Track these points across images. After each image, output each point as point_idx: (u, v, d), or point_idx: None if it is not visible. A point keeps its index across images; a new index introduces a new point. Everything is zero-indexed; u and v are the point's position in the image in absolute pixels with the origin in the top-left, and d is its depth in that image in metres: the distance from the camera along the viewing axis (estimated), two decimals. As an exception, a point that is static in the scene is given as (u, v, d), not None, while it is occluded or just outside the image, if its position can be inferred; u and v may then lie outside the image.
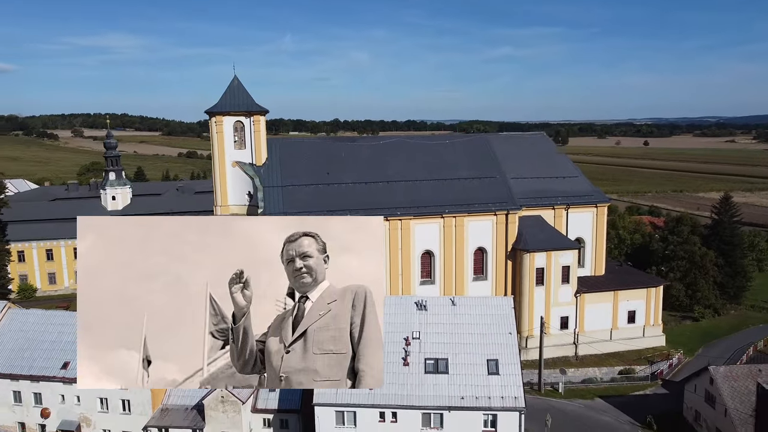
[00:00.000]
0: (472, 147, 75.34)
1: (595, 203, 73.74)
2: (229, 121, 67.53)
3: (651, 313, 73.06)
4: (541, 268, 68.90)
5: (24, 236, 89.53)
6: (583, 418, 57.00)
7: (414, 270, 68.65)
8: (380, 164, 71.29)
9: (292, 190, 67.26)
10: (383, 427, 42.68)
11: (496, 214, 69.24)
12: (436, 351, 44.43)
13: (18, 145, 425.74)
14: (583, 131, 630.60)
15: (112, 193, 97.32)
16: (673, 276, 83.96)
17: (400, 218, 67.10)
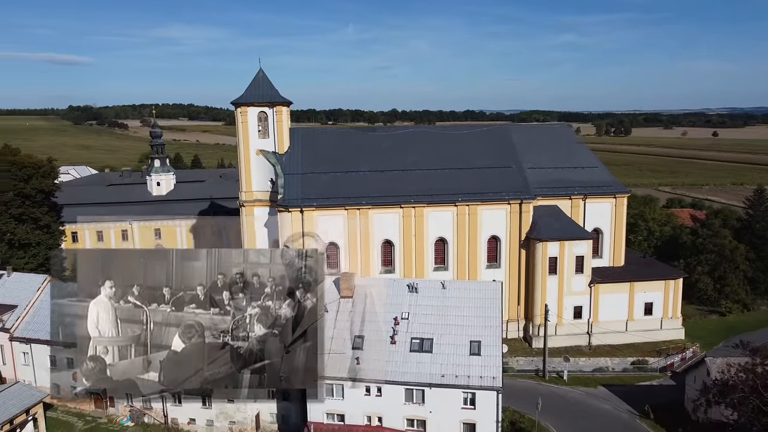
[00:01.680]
0: (490, 137, 76.42)
1: (613, 194, 73.45)
2: (254, 112, 71.18)
3: (669, 306, 72.37)
4: (554, 257, 69.50)
5: (78, 218, 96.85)
6: (582, 404, 57.94)
7: (427, 256, 70.66)
8: (398, 154, 73.46)
9: (311, 177, 70.38)
10: (368, 400, 45.29)
11: (510, 203, 70.26)
12: (423, 331, 46.57)
13: (91, 134, 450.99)
14: (649, 121, 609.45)
15: (156, 179, 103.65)
16: (701, 269, 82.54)
17: (414, 206, 69.18)
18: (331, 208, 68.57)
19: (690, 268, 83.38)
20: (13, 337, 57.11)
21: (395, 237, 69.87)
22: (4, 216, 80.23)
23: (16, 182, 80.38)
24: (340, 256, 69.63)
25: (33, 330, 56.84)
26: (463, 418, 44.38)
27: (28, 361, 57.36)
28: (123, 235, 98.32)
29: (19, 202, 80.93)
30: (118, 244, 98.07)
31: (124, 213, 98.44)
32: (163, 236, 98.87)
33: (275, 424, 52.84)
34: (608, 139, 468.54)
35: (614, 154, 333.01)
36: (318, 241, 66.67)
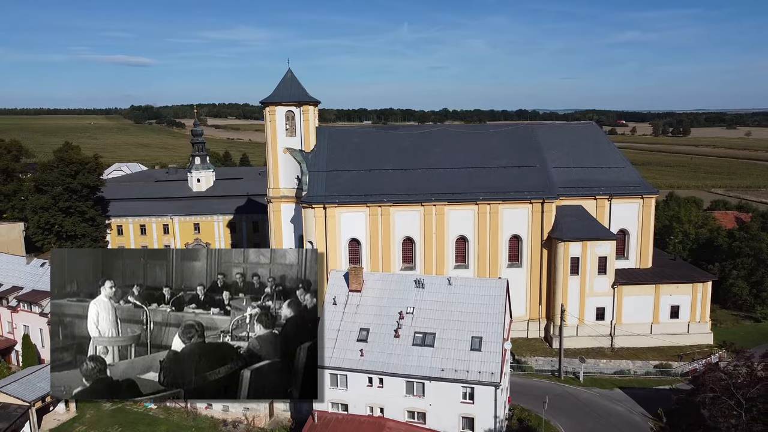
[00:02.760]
0: (515, 136, 76.37)
1: (640, 194, 72.17)
2: (281, 111, 73.48)
3: (697, 310, 70.71)
4: (576, 257, 68.99)
5: (123, 212, 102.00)
6: (594, 405, 57.53)
7: (448, 254, 71.33)
8: (420, 152, 74.41)
9: (335, 175, 72.16)
10: (371, 390, 46.59)
11: (532, 202, 70.14)
12: (426, 326, 47.48)
13: (150, 133, 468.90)
14: (711, 121, 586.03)
15: (197, 176, 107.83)
16: (736, 273, 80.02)
17: (435, 204, 69.99)
18: (354, 205, 70.14)
19: (725, 271, 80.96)
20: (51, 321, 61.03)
21: (416, 234, 70.84)
22: (52, 209, 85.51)
23: (64, 177, 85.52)
24: (362, 252, 71.16)
25: (69, 315, 60.52)
26: (462, 412, 45.11)
27: (65, 345, 61.13)
28: (164, 229, 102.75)
29: (67, 196, 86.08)
30: (160, 237, 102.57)
31: (166, 208, 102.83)
32: (201, 231, 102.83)
33: (288, 412, 54.93)
34: (665, 139, 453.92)
35: (669, 155, 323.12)
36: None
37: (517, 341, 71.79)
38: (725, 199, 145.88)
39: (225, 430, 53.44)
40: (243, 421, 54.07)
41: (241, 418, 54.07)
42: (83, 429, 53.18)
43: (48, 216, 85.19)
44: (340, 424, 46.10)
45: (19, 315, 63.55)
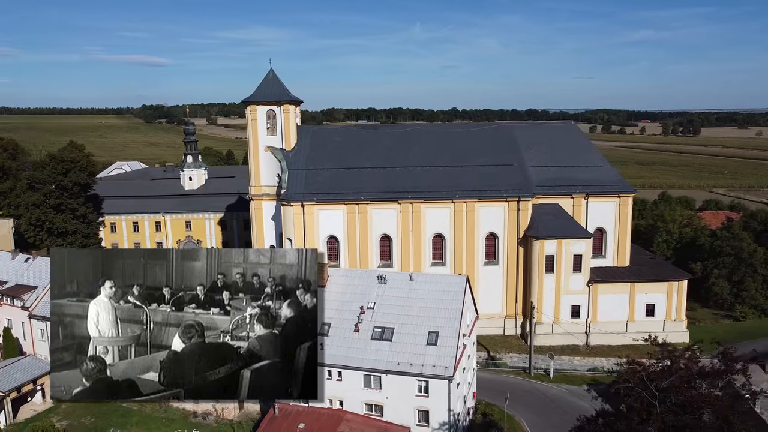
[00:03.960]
0: (494, 136, 77.10)
1: (617, 193, 72.59)
2: (263, 110, 74.74)
3: (672, 308, 71.05)
4: (551, 255, 69.60)
5: (116, 210, 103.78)
6: (560, 401, 58.22)
7: (425, 251, 72.21)
8: (400, 151, 75.35)
9: (315, 173, 73.28)
10: (331, 383, 47.52)
11: (508, 200, 70.83)
12: (386, 320, 48.34)
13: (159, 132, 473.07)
14: (722, 121, 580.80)
15: (188, 174, 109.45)
16: (717, 273, 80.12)
17: (411, 202, 70.90)
18: (332, 203, 71.24)
19: (707, 270, 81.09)
20: (32, 315, 62.80)
21: (393, 232, 71.80)
22: (43, 206, 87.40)
23: (55, 175, 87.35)
24: (339, 249, 72.21)
25: (48, 309, 62.09)
26: (418, 405, 45.96)
27: (44, 337, 62.86)
28: (157, 227, 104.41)
29: (58, 193, 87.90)
30: (152, 235, 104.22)
31: (158, 206, 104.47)
32: (193, 228, 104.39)
33: (257, 405, 56.00)
34: (674, 138, 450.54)
35: (675, 155, 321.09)
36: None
37: (494, 338, 72.73)
38: (722, 198, 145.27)
39: (195, 421, 54.69)
40: (213, 413, 55.31)
41: (210, 410, 55.30)
42: (57, 419, 54.61)
43: (39, 213, 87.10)
44: (299, 416, 47.13)
45: (2, 308, 65.28)
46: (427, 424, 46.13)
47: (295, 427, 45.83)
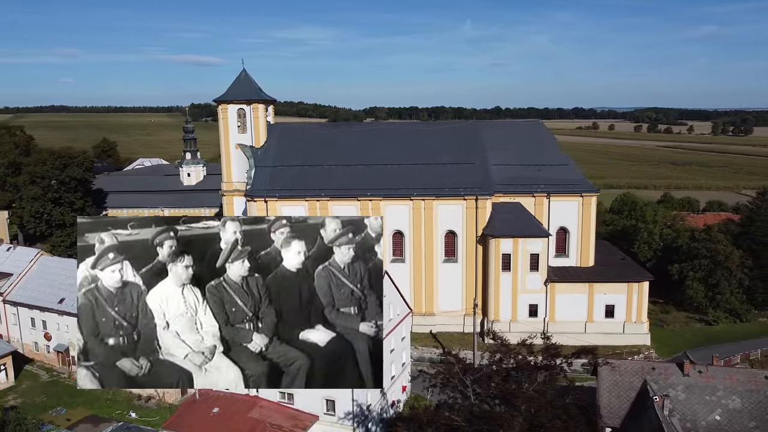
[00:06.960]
0: (458, 133, 77.51)
1: (580, 193, 71.93)
2: (233, 109, 77.45)
3: (633, 309, 69.99)
4: (507, 253, 69.71)
5: (118, 204, 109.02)
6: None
7: (385, 248, 73.33)
8: (364, 149, 76.67)
9: (280, 170, 75.50)
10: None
11: (466, 198, 71.23)
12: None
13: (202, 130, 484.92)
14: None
15: (187, 170, 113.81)
16: (693, 275, 78.19)
17: (371, 199, 72.21)
18: (294, 199, 73.30)
19: (683, 273, 79.26)
20: (6, 300, 67.29)
21: (353, 228, 73.11)
22: (42, 199, 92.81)
23: (54, 170, 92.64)
24: (302, 244, 74.08)
25: (21, 295, 66.52)
26: (325, 395, 47.50)
27: (17, 321, 67.31)
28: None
29: (57, 187, 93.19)
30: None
31: (158, 201, 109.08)
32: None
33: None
34: (723, 138, 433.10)
35: (716, 155, 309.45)
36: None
37: (453, 335, 73.35)
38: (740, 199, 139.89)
39: (138, 404, 57.76)
40: (155, 396, 58.28)
41: (153, 393, 58.26)
42: (15, 397, 58.69)
43: (38, 206, 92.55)
44: (217, 401, 49.38)
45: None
46: (334, 412, 47.62)
47: (210, 410, 48.14)
